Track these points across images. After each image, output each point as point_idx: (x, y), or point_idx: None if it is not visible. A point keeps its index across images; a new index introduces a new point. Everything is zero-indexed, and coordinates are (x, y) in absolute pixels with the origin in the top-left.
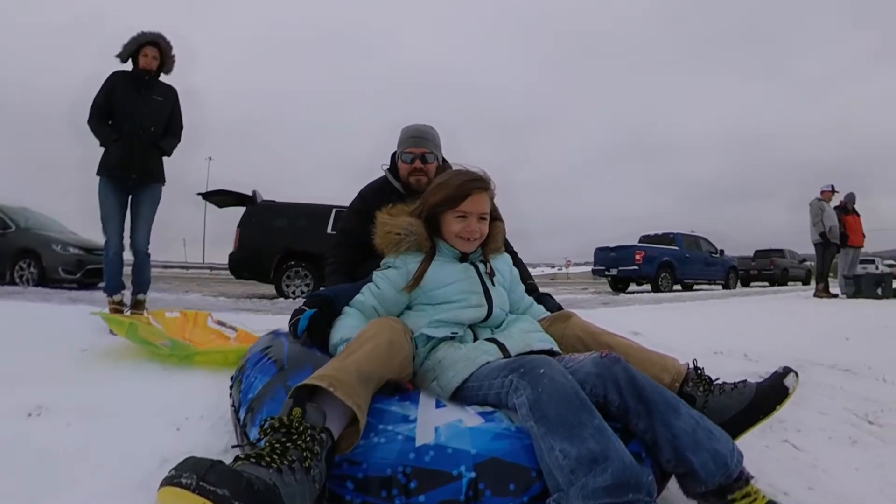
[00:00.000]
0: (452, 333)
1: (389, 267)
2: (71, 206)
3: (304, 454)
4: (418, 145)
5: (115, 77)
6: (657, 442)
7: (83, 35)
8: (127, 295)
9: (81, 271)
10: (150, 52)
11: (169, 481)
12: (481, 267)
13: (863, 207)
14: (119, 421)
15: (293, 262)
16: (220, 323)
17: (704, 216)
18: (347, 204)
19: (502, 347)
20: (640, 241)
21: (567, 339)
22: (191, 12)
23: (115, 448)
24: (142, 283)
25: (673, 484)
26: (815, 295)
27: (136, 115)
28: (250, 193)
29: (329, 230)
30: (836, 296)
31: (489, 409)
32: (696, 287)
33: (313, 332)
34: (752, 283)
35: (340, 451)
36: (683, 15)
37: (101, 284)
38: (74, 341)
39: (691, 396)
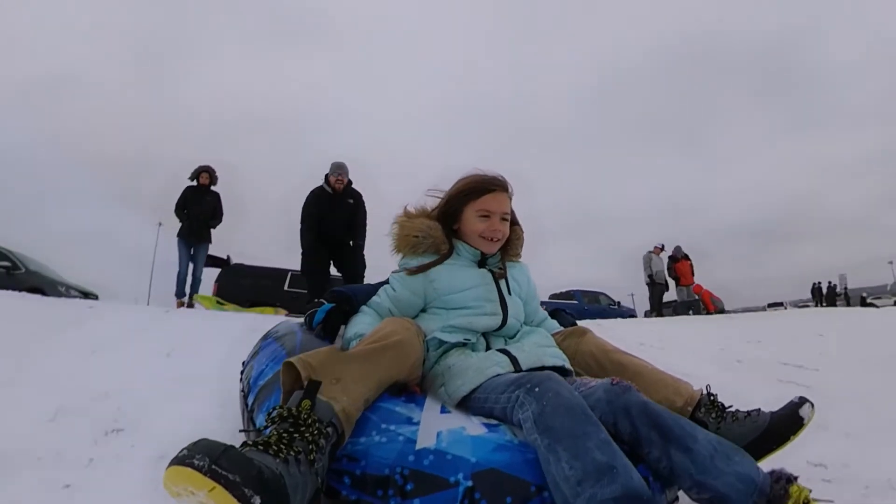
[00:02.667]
0: (465, 340)
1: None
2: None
3: (310, 447)
4: (340, 167)
5: (188, 189)
6: (674, 470)
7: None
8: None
9: None
10: (204, 176)
11: (180, 461)
12: (497, 272)
13: (774, 257)
14: (219, 322)
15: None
16: None
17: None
18: (299, 269)
19: (514, 360)
20: (549, 299)
21: (580, 356)
22: (152, 67)
23: (225, 328)
24: (194, 290)
25: None
26: None
27: (196, 208)
28: (224, 257)
29: (286, 287)
30: None
31: (494, 421)
32: None
33: (328, 326)
34: None
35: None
36: (611, 101)
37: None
38: (154, 310)
39: (703, 422)
